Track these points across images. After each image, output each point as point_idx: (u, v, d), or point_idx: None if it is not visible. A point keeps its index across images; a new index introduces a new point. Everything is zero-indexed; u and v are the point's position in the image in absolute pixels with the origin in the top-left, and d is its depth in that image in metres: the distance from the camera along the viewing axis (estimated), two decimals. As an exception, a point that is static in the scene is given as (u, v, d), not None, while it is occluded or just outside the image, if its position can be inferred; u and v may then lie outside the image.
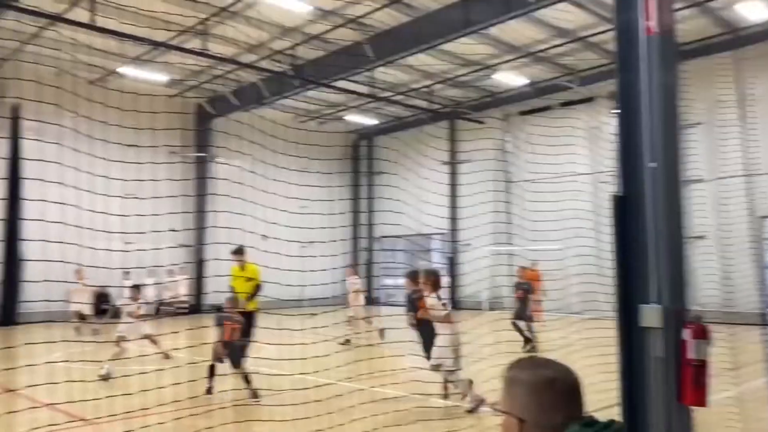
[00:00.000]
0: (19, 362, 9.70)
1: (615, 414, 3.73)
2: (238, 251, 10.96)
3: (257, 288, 10.88)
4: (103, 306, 18.46)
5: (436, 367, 7.93)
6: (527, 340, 12.57)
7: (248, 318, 10.86)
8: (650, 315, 3.61)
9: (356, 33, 16.88)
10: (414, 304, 9.15)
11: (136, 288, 11.81)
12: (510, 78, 20.71)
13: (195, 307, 21.96)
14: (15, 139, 18.11)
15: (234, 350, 8.92)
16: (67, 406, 6.93)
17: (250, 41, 17.59)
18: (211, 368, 8.80)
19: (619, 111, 4.02)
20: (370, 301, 25.36)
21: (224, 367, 8.78)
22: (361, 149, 29.49)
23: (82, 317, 16.36)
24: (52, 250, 7.28)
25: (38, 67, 17.29)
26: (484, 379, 7.90)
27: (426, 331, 8.61)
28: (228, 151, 21.51)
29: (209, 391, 8.65)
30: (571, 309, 17.54)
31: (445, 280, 11.43)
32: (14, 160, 18.03)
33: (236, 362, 8.86)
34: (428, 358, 8.36)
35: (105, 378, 9.66)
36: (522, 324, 12.87)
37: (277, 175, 10.69)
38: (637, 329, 3.61)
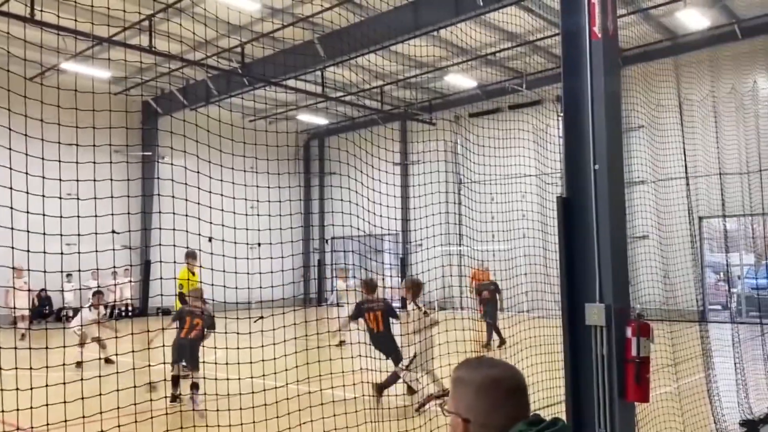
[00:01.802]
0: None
1: (560, 411, 3.80)
2: (190, 255, 10.74)
3: None
4: (44, 309, 17.83)
5: (407, 369, 8.05)
6: (502, 340, 12.86)
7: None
8: (595, 313, 3.68)
9: (307, 32, 16.76)
10: (363, 313, 9.18)
11: (100, 293, 11.92)
12: (460, 80, 20.93)
13: (140, 310, 21.43)
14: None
15: (194, 350, 8.69)
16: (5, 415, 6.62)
17: (197, 38, 17.23)
18: (174, 375, 8.54)
19: (564, 114, 4.09)
20: (321, 302, 25.20)
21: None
22: (312, 149, 29.30)
23: (20, 321, 15.70)
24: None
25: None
26: (438, 379, 7.96)
27: (384, 338, 8.67)
28: (174, 150, 21.10)
29: (175, 398, 8.39)
30: (520, 308, 17.84)
31: (395, 281, 11.52)
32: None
33: (194, 363, 8.63)
34: (395, 360, 8.48)
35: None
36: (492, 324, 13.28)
37: (225, 176, 10.47)
38: (583, 327, 3.69)
